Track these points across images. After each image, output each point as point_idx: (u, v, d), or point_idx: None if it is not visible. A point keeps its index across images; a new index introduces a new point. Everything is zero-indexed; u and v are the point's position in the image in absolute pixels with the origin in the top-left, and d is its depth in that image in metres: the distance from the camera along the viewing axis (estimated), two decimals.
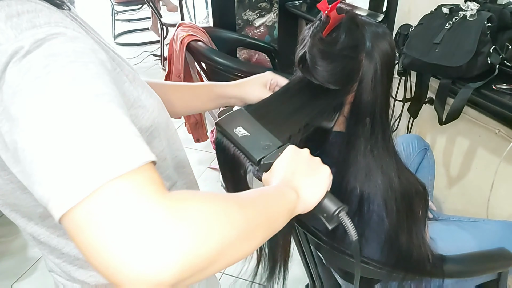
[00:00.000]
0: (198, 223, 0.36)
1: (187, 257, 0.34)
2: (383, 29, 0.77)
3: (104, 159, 0.35)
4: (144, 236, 0.33)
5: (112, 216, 0.33)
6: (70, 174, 0.35)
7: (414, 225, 0.84)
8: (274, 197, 0.53)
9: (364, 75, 0.75)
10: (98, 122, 0.37)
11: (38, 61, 0.38)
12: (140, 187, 0.35)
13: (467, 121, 1.49)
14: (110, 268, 0.33)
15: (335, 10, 0.73)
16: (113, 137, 0.37)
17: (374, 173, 0.78)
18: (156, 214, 0.34)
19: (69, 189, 0.34)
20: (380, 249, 0.86)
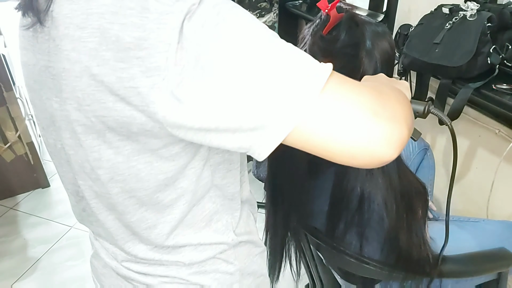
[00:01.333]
0: (397, 99, 0.48)
1: (406, 120, 0.45)
2: (382, 28, 0.78)
3: (310, 72, 0.42)
4: (377, 111, 0.42)
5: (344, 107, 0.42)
6: (288, 93, 0.41)
7: (414, 224, 0.84)
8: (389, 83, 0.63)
9: (365, 73, 0.76)
10: (284, 49, 0.42)
11: (209, 11, 0.41)
12: (345, 82, 0.44)
13: (467, 121, 1.49)
14: (364, 143, 0.42)
15: (335, 9, 0.73)
16: (302, 57, 0.43)
17: (375, 172, 0.79)
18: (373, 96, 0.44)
19: (293, 103, 0.41)
20: (381, 248, 0.86)
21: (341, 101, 0.42)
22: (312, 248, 1.07)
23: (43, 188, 2.35)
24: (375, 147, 0.42)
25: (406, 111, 0.48)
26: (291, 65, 0.42)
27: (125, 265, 0.65)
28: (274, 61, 0.41)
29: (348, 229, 0.86)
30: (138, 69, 0.41)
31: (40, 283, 1.76)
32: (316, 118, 0.41)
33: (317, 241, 0.92)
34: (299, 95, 0.41)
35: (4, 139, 2.10)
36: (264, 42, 0.42)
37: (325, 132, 0.42)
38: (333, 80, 0.43)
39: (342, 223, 0.86)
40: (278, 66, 0.41)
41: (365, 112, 0.42)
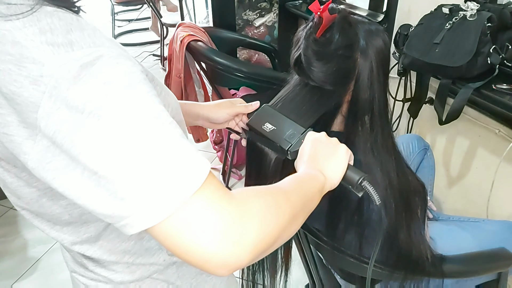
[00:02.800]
0: (261, 217, 0.45)
1: (257, 244, 0.44)
2: (376, 26, 0.78)
3: (179, 178, 0.41)
4: (225, 234, 0.41)
5: (200, 224, 0.41)
6: (153, 192, 0.40)
7: (413, 223, 0.84)
8: (307, 181, 0.60)
9: (360, 73, 0.76)
10: (164, 145, 0.41)
11: (97, 90, 0.39)
12: (212, 197, 0.42)
13: (467, 121, 1.49)
14: (204, 261, 0.42)
15: (327, 11, 0.73)
16: (180, 157, 0.42)
17: (374, 171, 0.79)
18: (230, 216, 0.42)
19: (154, 207, 0.40)
20: (380, 248, 0.86)
21: (200, 216, 0.41)
22: (312, 248, 1.07)
23: None
24: (209, 267, 0.43)
25: (271, 232, 0.46)
26: (167, 163, 0.41)
27: (73, 275, 0.66)
28: (149, 156, 0.40)
29: (348, 229, 0.86)
30: (15, 118, 0.41)
31: (40, 283, 1.76)
32: (171, 224, 0.41)
33: (317, 241, 0.92)
34: (166, 197, 0.40)
35: None
36: (146, 133, 0.41)
37: (172, 239, 0.42)
38: (204, 188, 0.42)
39: (341, 223, 0.86)
40: (153, 162, 0.40)
41: (215, 234, 0.41)
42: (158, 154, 0.40)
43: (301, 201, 0.55)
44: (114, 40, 0.47)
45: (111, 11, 4.51)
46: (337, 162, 0.66)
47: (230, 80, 1.94)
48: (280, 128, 0.74)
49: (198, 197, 0.41)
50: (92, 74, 0.39)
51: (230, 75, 1.77)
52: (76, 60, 0.39)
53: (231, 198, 0.44)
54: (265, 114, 0.78)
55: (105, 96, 0.39)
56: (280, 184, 0.57)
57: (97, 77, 0.40)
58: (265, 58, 2.43)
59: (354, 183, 0.66)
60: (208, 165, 0.43)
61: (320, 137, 0.68)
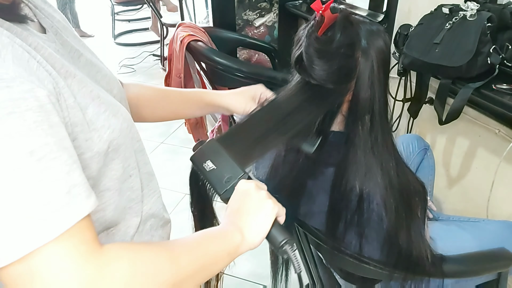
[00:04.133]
0: (123, 285, 0.41)
1: None
2: (377, 27, 0.78)
3: (36, 223, 0.37)
4: None
5: (43, 279, 0.37)
6: (4, 235, 0.37)
7: (413, 223, 0.84)
8: (216, 240, 0.55)
9: (361, 73, 0.76)
10: (30, 183, 0.38)
11: None
12: (69, 250, 0.38)
13: (467, 121, 1.49)
14: None
15: (329, 10, 0.73)
16: (45, 199, 0.38)
17: (374, 170, 0.79)
18: (82, 278, 0.38)
19: (4, 248, 0.36)
20: (380, 248, 0.86)
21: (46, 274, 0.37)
22: (312, 248, 1.07)
23: None
24: None
25: None
26: (25, 203, 0.38)
27: None
28: (7, 192, 0.37)
29: (348, 229, 0.86)
30: None
31: None
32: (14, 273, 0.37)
33: (317, 241, 0.92)
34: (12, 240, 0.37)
35: None
36: (10, 168, 0.38)
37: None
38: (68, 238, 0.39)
39: (341, 223, 0.86)
40: (10, 199, 0.37)
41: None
42: (19, 193, 0.38)
43: (196, 265, 0.50)
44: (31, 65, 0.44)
45: (111, 11, 4.51)
46: (260, 221, 0.60)
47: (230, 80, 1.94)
48: (220, 169, 0.68)
49: (53, 248, 0.37)
50: None
51: (230, 75, 1.77)
52: None
53: (93, 257, 0.40)
54: (209, 150, 0.72)
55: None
56: (175, 242, 0.52)
57: None
58: (265, 58, 2.43)
59: (276, 245, 0.61)
60: (79, 212, 0.40)
61: (248, 188, 0.62)
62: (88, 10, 5.36)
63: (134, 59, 3.99)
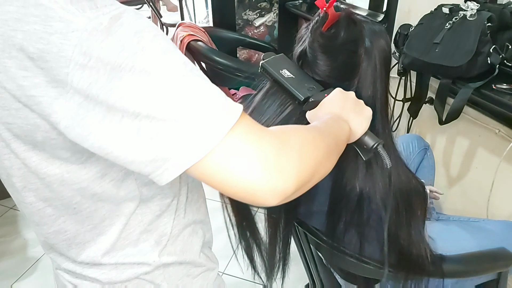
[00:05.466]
0: (300, 148, 0.48)
1: (299, 172, 0.46)
2: (379, 27, 0.79)
3: (216, 115, 0.43)
4: (268, 163, 0.43)
5: (241, 155, 0.43)
6: (192, 132, 0.41)
7: (413, 222, 0.84)
8: (336, 126, 0.64)
9: (364, 71, 0.77)
10: (200, 87, 0.43)
11: (129, 39, 0.41)
12: (249, 129, 0.45)
13: (467, 121, 1.49)
14: (251, 190, 0.44)
15: (332, 7, 0.74)
16: (214, 97, 0.44)
17: (374, 169, 0.79)
18: (270, 145, 0.45)
19: (195, 144, 0.42)
20: (380, 248, 0.86)
21: (240, 148, 0.43)
22: (312, 248, 1.07)
23: None
24: (258, 196, 0.44)
25: (310, 163, 0.49)
26: (202, 102, 0.43)
27: (58, 272, 0.66)
28: (185, 97, 0.42)
29: (348, 228, 0.86)
30: (43, 79, 0.41)
31: (40, 283, 1.76)
32: (214, 159, 0.43)
33: (317, 241, 0.92)
34: (205, 134, 0.42)
35: None
36: (179, 76, 0.43)
37: (218, 174, 0.43)
38: (240, 124, 0.44)
39: (341, 223, 0.86)
40: (190, 102, 0.42)
41: (258, 162, 0.43)
42: (195, 95, 0.42)
43: (333, 142, 0.58)
44: None
45: None
46: (361, 120, 0.69)
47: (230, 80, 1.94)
48: (300, 78, 0.73)
49: (236, 130, 0.43)
50: (122, 25, 0.41)
51: (230, 75, 1.77)
52: (105, 14, 0.41)
53: (269, 131, 0.47)
54: (283, 61, 0.76)
55: (138, 44, 0.41)
56: (312, 125, 0.60)
57: (127, 27, 0.41)
58: None
59: (369, 146, 0.68)
60: (239, 105, 0.45)
61: (350, 94, 0.72)
62: None
63: None
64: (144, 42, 0.42)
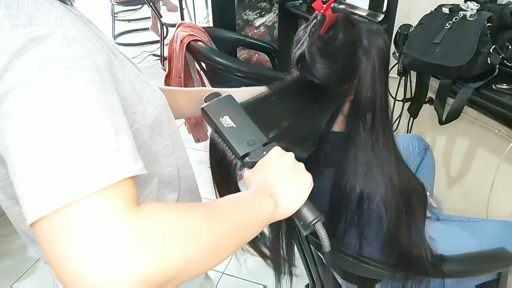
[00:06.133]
0: (160, 243, 0.37)
1: (145, 276, 0.36)
2: (377, 26, 0.79)
3: (80, 174, 0.36)
4: (107, 251, 0.35)
5: (80, 230, 0.35)
6: (46, 184, 0.36)
7: (413, 222, 0.84)
8: (250, 206, 0.52)
9: (363, 72, 0.76)
10: (80, 135, 0.38)
11: (33, 63, 0.39)
12: (110, 204, 0.37)
13: (467, 121, 1.49)
14: (73, 277, 0.35)
15: (330, 9, 0.73)
16: (93, 152, 0.38)
17: (374, 169, 0.79)
18: (121, 231, 0.36)
19: (42, 199, 0.35)
20: (380, 248, 0.86)
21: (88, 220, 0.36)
22: (312, 248, 1.07)
23: None
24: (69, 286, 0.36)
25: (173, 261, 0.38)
26: (79, 149, 0.37)
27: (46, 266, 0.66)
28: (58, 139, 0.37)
29: (348, 229, 0.86)
30: None
31: (40, 283, 1.76)
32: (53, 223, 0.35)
33: (317, 241, 0.92)
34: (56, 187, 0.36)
35: None
36: (65, 117, 0.38)
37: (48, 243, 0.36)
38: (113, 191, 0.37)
39: (341, 223, 0.86)
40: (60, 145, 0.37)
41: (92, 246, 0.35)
42: (68, 143, 0.37)
43: (231, 231, 0.47)
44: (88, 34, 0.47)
45: (111, 11, 4.51)
46: (297, 191, 0.58)
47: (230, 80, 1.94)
48: (241, 128, 0.62)
49: (92, 201, 0.36)
50: (36, 47, 0.39)
51: (230, 75, 1.76)
52: (25, 34, 0.39)
53: (133, 212, 0.38)
54: (227, 105, 0.65)
55: (37, 72, 0.38)
56: (211, 204, 0.48)
57: (40, 51, 0.39)
58: (265, 58, 2.43)
59: (306, 222, 0.58)
60: (125, 172, 0.39)
61: (288, 157, 0.60)
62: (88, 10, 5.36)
63: (134, 59, 3.95)
64: (46, 71, 0.38)
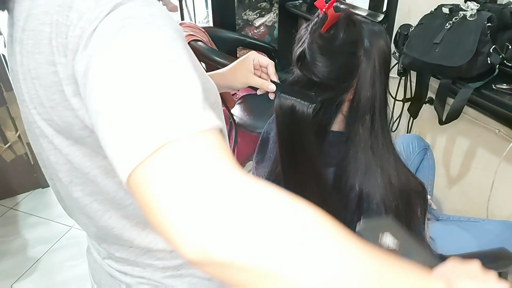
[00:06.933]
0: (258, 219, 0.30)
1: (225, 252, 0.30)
2: (379, 27, 0.79)
3: (174, 118, 0.34)
4: (208, 202, 0.30)
5: (181, 173, 0.31)
6: (139, 132, 0.33)
7: (413, 222, 0.84)
8: None
9: (363, 72, 0.76)
10: (171, 81, 0.36)
11: (114, 23, 0.39)
12: (213, 148, 0.33)
13: (467, 121, 1.49)
14: (170, 233, 0.31)
15: (332, 8, 0.74)
16: (187, 97, 0.35)
17: (373, 169, 0.79)
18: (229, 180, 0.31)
19: (137, 146, 0.33)
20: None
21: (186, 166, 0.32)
22: None
23: (43, 188, 2.35)
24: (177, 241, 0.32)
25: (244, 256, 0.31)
26: (172, 87, 0.36)
27: (107, 262, 0.65)
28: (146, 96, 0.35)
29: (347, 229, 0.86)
30: (67, 73, 0.42)
31: (40, 283, 1.76)
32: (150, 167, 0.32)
33: None
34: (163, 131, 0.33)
35: (4, 139, 2.10)
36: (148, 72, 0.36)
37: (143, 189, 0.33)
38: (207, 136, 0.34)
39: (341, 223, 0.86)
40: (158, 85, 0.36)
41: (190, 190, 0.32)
42: (156, 89, 0.35)
43: None
44: None
45: None
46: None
47: None
48: None
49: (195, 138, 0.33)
50: (116, 9, 0.40)
51: None
52: (109, 3, 0.40)
53: (240, 176, 0.32)
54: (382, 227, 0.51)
55: (119, 29, 0.38)
56: None
57: (120, 12, 0.40)
58: None
59: None
60: (218, 121, 0.35)
61: None
62: None
63: None
64: (128, 28, 0.39)
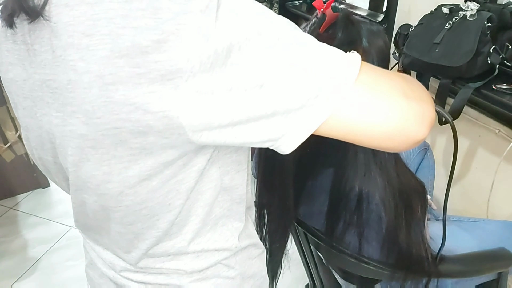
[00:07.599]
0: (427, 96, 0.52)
1: (432, 116, 0.49)
2: (377, 27, 0.79)
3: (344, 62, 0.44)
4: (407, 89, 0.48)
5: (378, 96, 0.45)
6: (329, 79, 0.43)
7: (413, 222, 0.84)
8: None
9: None
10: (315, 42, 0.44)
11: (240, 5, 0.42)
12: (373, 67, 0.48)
13: (467, 121, 1.49)
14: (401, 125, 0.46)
15: (330, 8, 0.74)
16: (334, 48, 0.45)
17: (373, 169, 0.79)
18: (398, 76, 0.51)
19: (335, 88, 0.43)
20: (380, 248, 0.86)
21: (374, 87, 0.45)
22: (312, 248, 1.07)
23: (43, 188, 2.35)
24: (409, 126, 0.46)
25: (427, 92, 0.52)
26: (325, 54, 0.44)
27: (123, 275, 0.64)
28: (308, 52, 0.43)
29: (347, 229, 0.86)
30: (157, 73, 0.39)
31: (40, 283, 1.76)
32: (352, 104, 0.44)
33: (317, 241, 0.92)
34: (336, 81, 0.43)
35: (4, 139, 2.10)
36: (297, 38, 0.43)
37: (360, 117, 0.44)
38: (364, 67, 0.45)
39: (341, 223, 0.86)
40: (314, 56, 0.43)
41: (397, 94, 0.45)
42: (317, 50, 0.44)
43: None
44: None
45: None
46: None
47: None
48: None
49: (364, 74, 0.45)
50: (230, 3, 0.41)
51: None
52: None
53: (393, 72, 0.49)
54: None
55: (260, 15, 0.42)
56: None
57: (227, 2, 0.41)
58: None
59: None
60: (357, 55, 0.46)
61: None
62: None
63: None
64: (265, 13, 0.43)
